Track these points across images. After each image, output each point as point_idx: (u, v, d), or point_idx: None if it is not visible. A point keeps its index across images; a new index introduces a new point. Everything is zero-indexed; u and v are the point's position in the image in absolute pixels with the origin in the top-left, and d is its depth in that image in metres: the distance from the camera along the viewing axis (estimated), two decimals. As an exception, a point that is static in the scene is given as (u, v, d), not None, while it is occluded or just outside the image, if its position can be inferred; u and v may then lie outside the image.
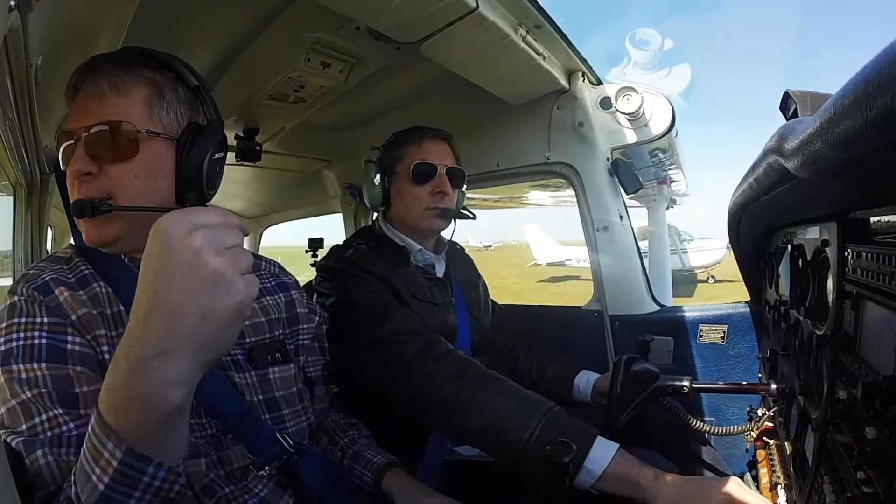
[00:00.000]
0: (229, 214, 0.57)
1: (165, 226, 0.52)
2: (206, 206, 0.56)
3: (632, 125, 1.66)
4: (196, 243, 0.51)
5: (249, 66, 1.42)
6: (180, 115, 0.78)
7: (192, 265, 0.50)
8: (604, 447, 0.90)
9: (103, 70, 0.75)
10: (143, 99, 0.75)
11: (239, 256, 0.54)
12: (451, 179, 1.35)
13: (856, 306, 0.64)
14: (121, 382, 0.51)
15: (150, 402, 0.51)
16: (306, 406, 0.95)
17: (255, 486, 0.82)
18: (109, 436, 0.52)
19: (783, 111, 0.84)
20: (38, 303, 0.71)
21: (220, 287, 0.51)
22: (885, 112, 0.35)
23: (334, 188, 2.62)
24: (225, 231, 0.54)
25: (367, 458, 1.01)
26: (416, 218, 1.34)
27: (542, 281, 20.11)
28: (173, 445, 0.56)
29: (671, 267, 9.61)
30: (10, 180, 1.70)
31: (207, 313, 0.51)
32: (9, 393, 0.65)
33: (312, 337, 1.04)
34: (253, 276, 0.55)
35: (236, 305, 0.52)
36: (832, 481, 0.65)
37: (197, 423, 0.78)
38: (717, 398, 1.60)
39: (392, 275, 1.26)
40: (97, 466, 0.52)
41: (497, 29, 1.19)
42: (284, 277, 1.05)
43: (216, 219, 0.54)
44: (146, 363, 0.50)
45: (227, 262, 0.52)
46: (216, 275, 0.51)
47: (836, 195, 0.69)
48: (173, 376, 0.51)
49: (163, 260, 0.51)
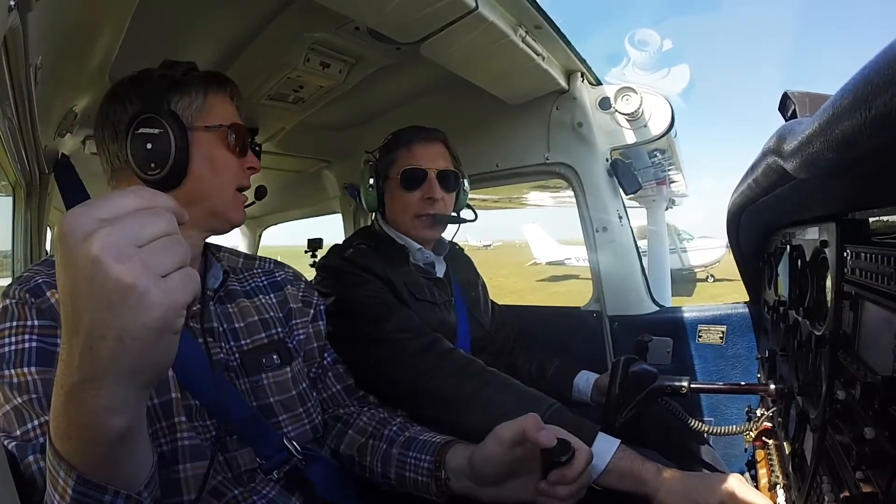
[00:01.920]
0: (155, 194, 0.45)
1: (64, 228, 0.41)
2: (122, 190, 0.44)
3: (631, 125, 1.66)
4: (94, 249, 0.40)
5: (249, 67, 1.42)
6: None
7: (93, 278, 0.40)
8: (606, 443, 0.91)
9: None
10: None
11: (160, 252, 0.42)
12: (443, 182, 1.32)
13: (854, 307, 0.64)
14: (60, 410, 0.46)
15: (89, 431, 0.46)
16: (309, 409, 0.93)
17: (263, 488, 0.82)
18: (60, 463, 0.48)
19: (782, 112, 0.84)
20: (29, 305, 0.71)
21: (131, 302, 0.41)
22: (885, 113, 0.35)
23: (334, 188, 2.61)
24: (140, 220, 0.42)
25: (424, 440, 0.92)
26: (407, 224, 1.34)
27: (541, 280, 20.11)
28: (130, 471, 0.52)
29: (670, 266, 9.62)
30: (9, 180, 1.70)
31: (124, 335, 0.41)
32: (2, 398, 0.65)
33: (307, 334, 1.01)
34: (185, 272, 0.44)
35: (154, 321, 0.41)
36: (831, 481, 0.66)
37: (201, 425, 0.78)
38: (715, 398, 1.60)
39: (392, 274, 1.26)
40: (56, 493, 0.50)
41: (496, 29, 1.19)
42: (278, 274, 1.03)
43: (129, 205, 0.43)
44: (77, 390, 0.44)
45: (136, 268, 0.41)
46: (122, 287, 0.40)
47: (835, 196, 0.70)
48: (107, 403, 0.44)
49: (66, 274, 0.42)
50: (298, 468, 0.85)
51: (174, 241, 0.44)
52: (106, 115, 0.82)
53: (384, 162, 1.36)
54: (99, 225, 0.41)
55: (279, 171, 2.51)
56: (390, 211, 1.37)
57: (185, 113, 0.81)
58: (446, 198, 1.34)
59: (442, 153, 1.36)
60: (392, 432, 0.97)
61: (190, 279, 0.44)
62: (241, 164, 0.87)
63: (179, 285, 0.43)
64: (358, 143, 2.04)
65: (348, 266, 1.25)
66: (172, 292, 0.42)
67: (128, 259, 0.41)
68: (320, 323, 1.05)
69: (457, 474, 0.86)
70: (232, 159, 0.86)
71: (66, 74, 1.16)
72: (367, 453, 0.96)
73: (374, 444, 0.96)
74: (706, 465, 1.23)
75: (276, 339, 0.93)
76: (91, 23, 1.02)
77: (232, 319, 0.90)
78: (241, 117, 0.90)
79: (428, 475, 0.88)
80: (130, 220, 0.42)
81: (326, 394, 1.05)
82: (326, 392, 1.05)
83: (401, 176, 1.31)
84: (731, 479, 0.82)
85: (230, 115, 0.87)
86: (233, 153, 0.86)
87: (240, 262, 1.01)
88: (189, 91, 0.82)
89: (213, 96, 0.85)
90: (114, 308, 0.41)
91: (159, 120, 0.77)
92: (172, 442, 0.74)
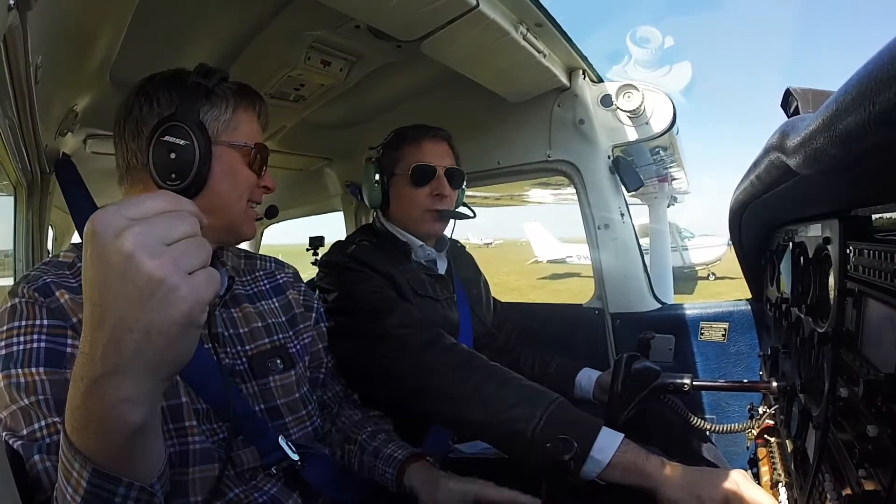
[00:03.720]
0: (180, 199, 0.48)
1: (95, 227, 0.44)
2: (151, 193, 0.48)
3: (633, 123, 1.65)
4: (127, 246, 0.43)
5: (249, 65, 1.42)
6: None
7: (125, 273, 0.43)
8: (609, 437, 0.91)
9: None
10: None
11: (186, 252, 0.45)
12: (450, 180, 1.35)
13: (857, 304, 0.64)
14: (78, 402, 0.48)
15: (108, 424, 0.47)
16: (311, 411, 0.94)
17: (264, 484, 0.83)
18: (75, 456, 0.49)
19: (784, 108, 0.84)
20: (39, 304, 0.70)
21: (160, 296, 0.43)
22: (888, 108, 0.35)
23: (335, 186, 2.61)
24: (168, 222, 0.46)
25: (388, 453, 0.98)
26: (416, 220, 1.35)
27: (542, 278, 20.10)
28: (144, 464, 0.53)
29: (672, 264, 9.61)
30: (10, 180, 1.70)
31: (151, 328, 0.44)
32: (9, 398, 0.65)
33: (312, 337, 1.03)
34: (208, 271, 0.47)
35: (181, 317, 0.44)
36: (833, 479, 0.65)
37: (208, 428, 0.78)
38: (718, 396, 1.60)
39: (394, 270, 1.26)
40: (69, 486, 0.51)
41: (497, 27, 1.19)
42: (280, 276, 1.03)
43: (157, 207, 0.46)
44: (98, 383, 0.46)
45: (167, 264, 0.44)
46: (153, 282, 0.43)
47: (838, 192, 0.69)
48: (128, 396, 0.46)
49: (95, 269, 0.44)
50: (296, 471, 0.86)
51: (199, 242, 0.47)
52: (130, 111, 0.81)
53: (389, 158, 1.36)
54: (130, 223, 0.44)
55: (280, 169, 2.51)
56: (396, 207, 1.37)
57: (213, 125, 0.80)
58: (452, 195, 1.37)
59: (448, 151, 1.39)
60: (362, 438, 1.02)
61: (213, 278, 0.47)
62: (259, 182, 0.88)
63: (204, 283, 0.46)
64: (359, 141, 2.03)
65: (350, 262, 1.26)
66: (198, 289, 0.45)
67: (159, 255, 0.44)
68: (322, 325, 1.08)
69: (418, 492, 0.92)
70: (251, 177, 0.86)
71: (66, 74, 1.16)
72: (344, 455, 1.04)
73: (349, 447, 1.03)
74: (708, 462, 1.22)
75: (278, 344, 0.93)
76: (91, 22, 1.02)
77: (237, 324, 0.90)
78: (263, 134, 0.90)
79: (393, 486, 0.95)
80: (160, 221, 0.45)
81: (331, 392, 1.07)
82: (331, 391, 1.07)
83: (411, 172, 1.32)
84: (734, 473, 0.82)
85: (255, 134, 0.87)
86: (252, 171, 0.86)
87: (242, 263, 1.01)
88: (219, 103, 0.82)
89: (241, 112, 0.84)
90: (143, 302, 0.43)
91: (187, 131, 0.75)
92: (182, 445, 0.74)
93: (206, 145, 0.77)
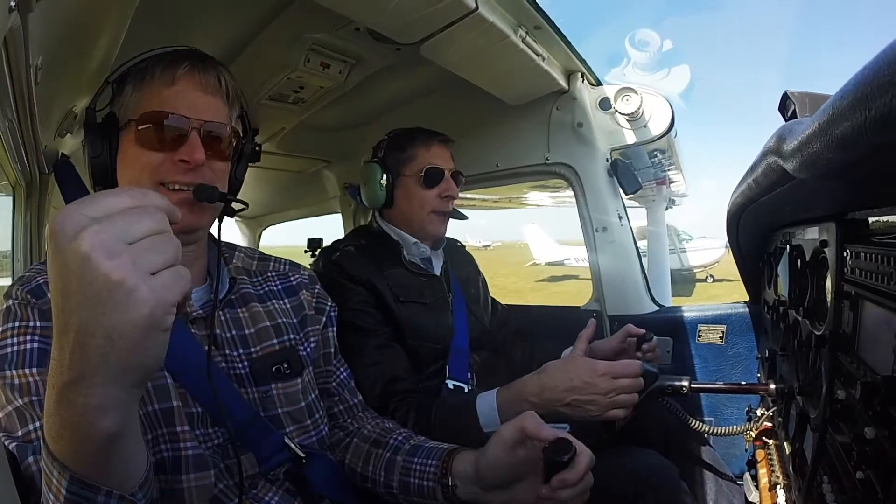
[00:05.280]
0: (147, 193, 0.45)
1: (55, 226, 0.41)
2: (113, 189, 0.44)
3: (631, 126, 1.66)
4: (84, 246, 0.40)
5: (249, 67, 1.42)
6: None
7: (83, 275, 0.40)
8: (488, 398, 1.08)
9: (212, 65, 0.80)
10: (230, 105, 0.83)
11: (150, 250, 0.42)
12: (456, 182, 1.39)
13: (854, 306, 0.64)
14: (52, 410, 0.46)
15: (80, 432, 0.46)
16: (317, 420, 0.90)
17: (264, 494, 0.80)
18: (54, 463, 0.48)
19: (782, 112, 0.84)
20: (31, 306, 0.70)
21: (118, 299, 0.40)
22: (885, 113, 0.35)
23: (334, 188, 2.62)
24: (130, 219, 0.42)
25: (430, 447, 0.90)
26: (422, 220, 1.36)
27: (541, 280, 20.11)
28: (124, 472, 0.52)
29: (670, 266, 9.62)
30: (9, 180, 1.70)
31: (112, 332, 0.41)
32: (4, 399, 0.65)
33: (317, 341, 0.98)
34: (175, 270, 0.44)
35: (143, 319, 0.41)
36: (831, 481, 0.66)
37: (203, 433, 0.76)
38: (716, 398, 1.60)
39: (376, 277, 1.27)
40: (51, 492, 0.50)
41: (496, 30, 1.19)
42: (294, 277, 1.00)
43: (120, 203, 0.43)
44: (68, 390, 0.44)
45: (125, 265, 0.40)
46: (110, 284, 0.40)
47: (835, 196, 0.70)
48: (98, 403, 0.44)
49: (55, 271, 0.42)
50: (300, 470, 0.84)
51: (164, 240, 0.44)
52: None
53: (395, 159, 1.37)
54: (89, 222, 0.41)
55: (279, 171, 2.51)
56: (401, 207, 1.38)
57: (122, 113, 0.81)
58: (457, 196, 1.40)
59: (450, 156, 1.42)
60: (397, 441, 0.95)
61: (179, 277, 0.44)
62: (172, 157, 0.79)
63: (168, 283, 0.43)
64: (358, 143, 2.04)
65: (334, 272, 1.27)
66: (161, 290, 0.42)
67: (117, 255, 0.41)
68: (330, 330, 1.03)
69: (463, 480, 0.83)
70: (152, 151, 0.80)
71: (66, 74, 1.16)
72: (370, 461, 0.94)
73: (377, 452, 0.94)
74: (706, 464, 1.23)
75: (287, 346, 0.90)
76: (91, 23, 1.02)
77: (242, 325, 0.87)
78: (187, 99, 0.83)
79: (434, 480, 0.86)
80: (120, 218, 0.42)
81: (343, 406, 1.03)
82: (344, 404, 1.03)
83: (424, 173, 1.34)
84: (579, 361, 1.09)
85: (154, 102, 0.82)
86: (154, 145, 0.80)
87: (254, 265, 0.98)
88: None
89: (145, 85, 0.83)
90: (102, 305, 0.41)
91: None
92: (174, 450, 0.73)
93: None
